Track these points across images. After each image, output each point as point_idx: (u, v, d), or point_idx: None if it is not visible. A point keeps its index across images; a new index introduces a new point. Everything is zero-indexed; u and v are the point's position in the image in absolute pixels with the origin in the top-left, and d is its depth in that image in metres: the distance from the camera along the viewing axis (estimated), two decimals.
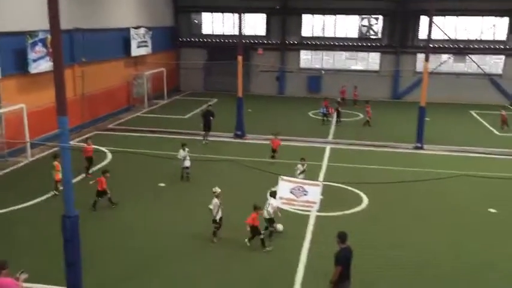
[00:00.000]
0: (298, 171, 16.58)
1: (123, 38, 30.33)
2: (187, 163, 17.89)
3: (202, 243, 13.05)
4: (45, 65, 21.93)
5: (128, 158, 19.17)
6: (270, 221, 13.03)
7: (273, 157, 20.50)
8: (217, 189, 13.32)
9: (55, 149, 16.99)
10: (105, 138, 20.69)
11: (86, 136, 21.20)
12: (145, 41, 33.08)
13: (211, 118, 23.84)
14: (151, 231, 13.77)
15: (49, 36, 20.91)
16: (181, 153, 17.99)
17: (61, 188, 14.71)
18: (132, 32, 30.86)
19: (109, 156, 20.22)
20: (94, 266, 11.26)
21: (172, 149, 19.48)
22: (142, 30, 32.36)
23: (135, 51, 31.50)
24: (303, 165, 16.79)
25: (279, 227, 13.36)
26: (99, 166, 18.91)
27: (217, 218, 13.10)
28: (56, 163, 15.66)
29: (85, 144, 18.65)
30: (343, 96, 34.32)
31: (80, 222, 9.42)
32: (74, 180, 17.61)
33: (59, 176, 15.20)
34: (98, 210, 15.04)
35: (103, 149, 20.17)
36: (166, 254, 12.46)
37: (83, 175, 17.95)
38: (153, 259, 12.15)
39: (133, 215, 14.86)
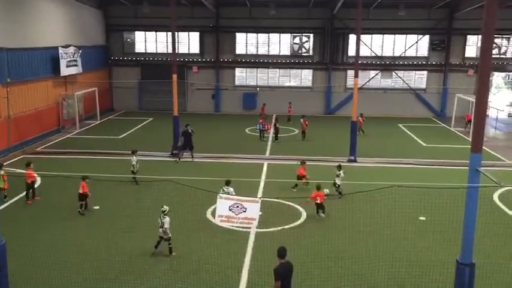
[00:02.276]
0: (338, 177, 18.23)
1: (51, 57, 29.26)
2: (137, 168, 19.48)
3: (139, 262, 12.69)
4: None
5: (60, 182, 18.35)
6: None
7: (304, 184, 19.24)
8: (166, 208, 13.46)
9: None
10: (34, 162, 19.72)
11: (27, 161, 19.97)
12: (75, 60, 32.10)
13: (190, 137, 23.63)
14: (85, 252, 13.21)
15: None
16: (134, 158, 19.47)
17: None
18: (61, 50, 29.84)
19: (38, 180, 19.25)
20: None
21: (106, 170, 18.89)
22: (71, 49, 31.39)
23: (65, 70, 30.46)
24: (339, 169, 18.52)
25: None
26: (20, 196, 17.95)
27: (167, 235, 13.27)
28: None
29: (24, 171, 17.70)
30: (262, 112, 33.77)
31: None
32: (1, 208, 16.71)
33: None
34: (28, 236, 14.25)
35: (34, 174, 19.19)
36: (106, 274, 11.98)
37: (9, 201, 16.97)
38: (92, 280, 11.64)
39: (66, 238, 14.19)
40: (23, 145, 26.02)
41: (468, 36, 37.85)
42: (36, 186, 18.23)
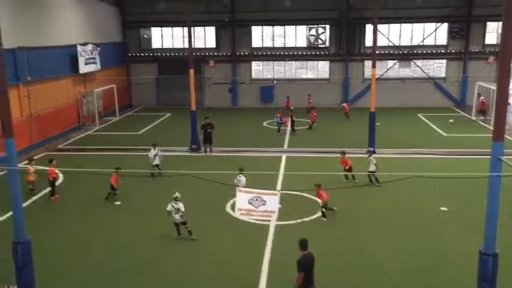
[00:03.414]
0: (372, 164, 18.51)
1: (70, 55, 29.61)
2: (156, 161, 19.87)
3: (161, 255, 12.84)
4: None
5: (82, 178, 18.65)
6: None
7: (347, 176, 19.30)
8: (178, 194, 13.94)
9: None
10: (56, 159, 20.08)
11: (49, 158, 20.28)
12: (94, 58, 32.43)
13: (211, 130, 23.76)
14: (110, 247, 13.42)
15: None
16: (152, 151, 19.93)
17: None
18: (79, 48, 30.17)
19: (61, 176, 19.56)
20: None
21: (126, 166, 19.10)
22: (89, 47, 31.71)
23: (83, 68, 30.80)
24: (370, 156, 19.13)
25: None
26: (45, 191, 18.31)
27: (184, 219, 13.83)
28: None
29: (47, 168, 18.00)
30: (287, 105, 33.80)
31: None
32: (25, 204, 17.04)
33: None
34: (55, 229, 14.53)
35: (56, 170, 19.54)
36: (129, 267, 12.17)
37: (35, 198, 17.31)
38: (117, 273, 11.84)
39: (90, 233, 14.43)
40: (45, 142, 26.44)
41: (488, 23, 37.09)
42: (58, 183, 18.55)
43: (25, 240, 8.98)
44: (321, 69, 39.24)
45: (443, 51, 37.93)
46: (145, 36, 40.05)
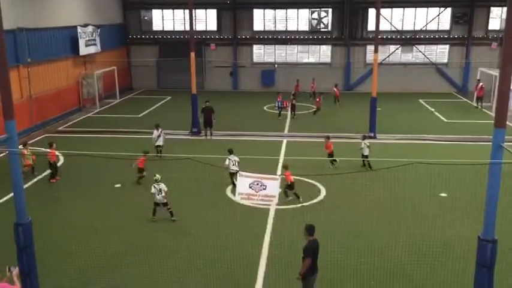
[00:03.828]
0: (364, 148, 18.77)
1: (70, 36, 29.42)
2: (160, 142, 20.26)
3: (161, 238, 12.92)
4: None
5: (81, 161, 18.67)
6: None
7: (333, 162, 19.19)
8: (159, 176, 14.38)
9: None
10: (56, 141, 20.09)
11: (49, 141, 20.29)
12: (94, 39, 32.23)
13: (212, 114, 23.69)
14: (110, 229, 13.50)
15: None
16: (155, 132, 20.31)
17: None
18: (80, 30, 29.97)
19: (61, 159, 19.59)
20: (52, 271, 10.92)
21: (126, 149, 19.12)
22: (90, 28, 31.49)
23: (84, 49, 30.64)
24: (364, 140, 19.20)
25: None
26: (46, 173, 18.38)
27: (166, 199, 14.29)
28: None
29: (48, 150, 17.99)
30: (297, 90, 34.01)
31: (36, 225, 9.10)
32: (26, 186, 17.08)
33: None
34: (56, 211, 14.59)
35: (57, 152, 19.56)
36: (131, 249, 12.25)
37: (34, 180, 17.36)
38: (118, 256, 11.93)
39: (89, 215, 14.50)
40: (45, 124, 26.43)
41: (492, 8, 36.75)
42: (58, 165, 18.57)
43: (26, 222, 9.01)
44: (322, 53, 39.01)
45: (446, 36, 37.65)
46: (146, 18, 39.74)
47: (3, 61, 8.55)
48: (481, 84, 31.08)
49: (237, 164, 16.42)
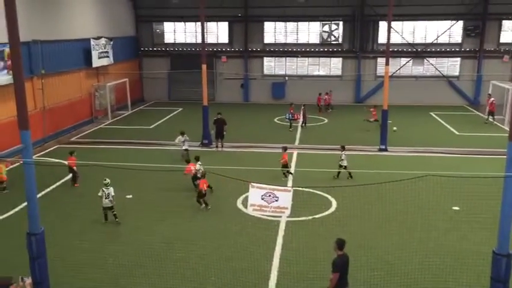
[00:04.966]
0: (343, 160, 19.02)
1: (83, 48, 29.79)
2: (186, 146, 21.71)
3: (172, 249, 12.91)
4: (3, 79, 21.35)
5: (93, 171, 18.77)
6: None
7: (285, 174, 19.30)
8: (108, 180, 14.94)
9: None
10: (68, 152, 20.37)
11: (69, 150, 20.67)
12: (107, 51, 32.59)
13: (224, 126, 23.88)
14: (123, 240, 13.53)
15: (6, 49, 20.40)
16: (180, 138, 21.85)
17: None
18: (93, 42, 30.34)
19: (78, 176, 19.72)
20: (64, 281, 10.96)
21: (138, 159, 19.23)
22: (103, 41, 31.87)
23: (96, 61, 30.97)
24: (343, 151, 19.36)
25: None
26: (64, 180, 18.50)
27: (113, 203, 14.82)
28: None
29: (66, 162, 18.73)
30: (320, 103, 34.44)
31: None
32: (39, 195, 17.21)
33: None
34: (67, 221, 14.69)
35: (65, 162, 19.73)
36: (141, 260, 12.26)
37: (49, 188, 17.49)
38: (129, 266, 11.94)
39: (103, 226, 14.55)
40: (58, 135, 26.68)
41: (503, 22, 36.65)
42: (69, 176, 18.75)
43: (39, 232, 9.07)
44: (333, 66, 39.07)
45: (457, 49, 37.55)
46: (158, 30, 40.16)
47: (19, 73, 8.69)
48: (492, 99, 30.76)
49: (200, 171, 17.05)
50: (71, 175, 18.61)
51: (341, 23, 37.97)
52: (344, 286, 9.57)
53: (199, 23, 25.27)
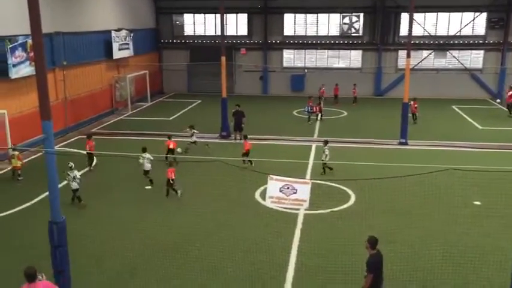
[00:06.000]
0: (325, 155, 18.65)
1: (104, 40, 30.05)
2: (194, 138, 21.63)
3: (189, 241, 12.99)
4: (25, 70, 21.64)
5: (114, 161, 19.00)
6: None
7: (245, 161, 19.57)
8: (72, 164, 15.69)
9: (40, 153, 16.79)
10: (86, 136, 20.74)
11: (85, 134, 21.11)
12: (127, 43, 32.82)
13: (243, 118, 23.95)
14: (139, 230, 13.67)
15: (29, 41, 20.69)
16: (189, 131, 21.76)
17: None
18: (114, 34, 30.58)
19: (94, 159, 19.98)
20: (85, 271, 11.12)
21: (157, 151, 19.38)
22: (123, 33, 32.09)
23: (117, 53, 31.23)
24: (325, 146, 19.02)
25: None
26: (84, 170, 18.75)
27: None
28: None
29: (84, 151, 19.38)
30: (336, 92, 34.61)
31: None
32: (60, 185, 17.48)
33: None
34: (87, 211, 14.90)
35: (84, 152, 19.99)
36: (157, 251, 12.38)
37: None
38: (146, 257, 12.06)
39: (121, 217, 14.72)
40: (79, 126, 27.03)
41: None
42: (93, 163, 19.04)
43: (60, 220, 9.20)
44: (353, 58, 38.68)
45: (481, 41, 36.81)
46: (177, 22, 40.27)
47: (42, 64, 8.79)
48: (511, 92, 30.08)
49: (149, 161, 17.44)
50: (88, 159, 19.21)
51: (362, 14, 37.50)
52: (380, 284, 9.32)
53: (218, 15, 25.21)
